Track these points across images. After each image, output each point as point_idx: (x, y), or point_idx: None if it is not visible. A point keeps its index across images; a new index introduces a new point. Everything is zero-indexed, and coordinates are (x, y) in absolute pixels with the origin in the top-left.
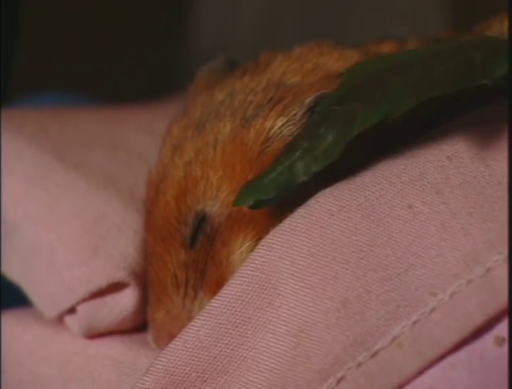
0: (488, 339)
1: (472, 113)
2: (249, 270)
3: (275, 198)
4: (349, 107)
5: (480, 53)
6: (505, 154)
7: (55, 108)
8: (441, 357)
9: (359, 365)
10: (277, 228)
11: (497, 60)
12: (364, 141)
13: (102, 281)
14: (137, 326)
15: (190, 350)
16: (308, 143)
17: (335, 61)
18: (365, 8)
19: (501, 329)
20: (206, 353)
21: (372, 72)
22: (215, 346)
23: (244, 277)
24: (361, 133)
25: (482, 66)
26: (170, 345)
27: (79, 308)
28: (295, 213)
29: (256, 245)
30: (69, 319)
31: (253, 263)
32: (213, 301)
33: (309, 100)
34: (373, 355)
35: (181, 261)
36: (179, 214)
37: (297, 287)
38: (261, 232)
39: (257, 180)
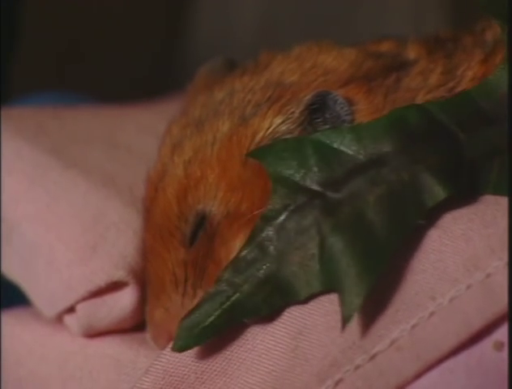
0: (486, 344)
1: None
2: None
3: None
4: (284, 255)
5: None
6: None
7: (55, 107)
8: (440, 361)
9: (357, 367)
10: None
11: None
12: None
13: (101, 280)
14: (136, 325)
15: (190, 351)
16: (248, 286)
17: (333, 59)
18: (365, 8)
19: (500, 334)
20: (206, 354)
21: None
22: (215, 347)
23: None
24: None
25: (413, 206)
26: (170, 346)
27: (79, 307)
28: None
29: None
30: (68, 318)
31: None
32: None
33: (307, 98)
34: (372, 358)
35: (180, 259)
36: (180, 212)
37: None
38: None
39: (192, 322)
